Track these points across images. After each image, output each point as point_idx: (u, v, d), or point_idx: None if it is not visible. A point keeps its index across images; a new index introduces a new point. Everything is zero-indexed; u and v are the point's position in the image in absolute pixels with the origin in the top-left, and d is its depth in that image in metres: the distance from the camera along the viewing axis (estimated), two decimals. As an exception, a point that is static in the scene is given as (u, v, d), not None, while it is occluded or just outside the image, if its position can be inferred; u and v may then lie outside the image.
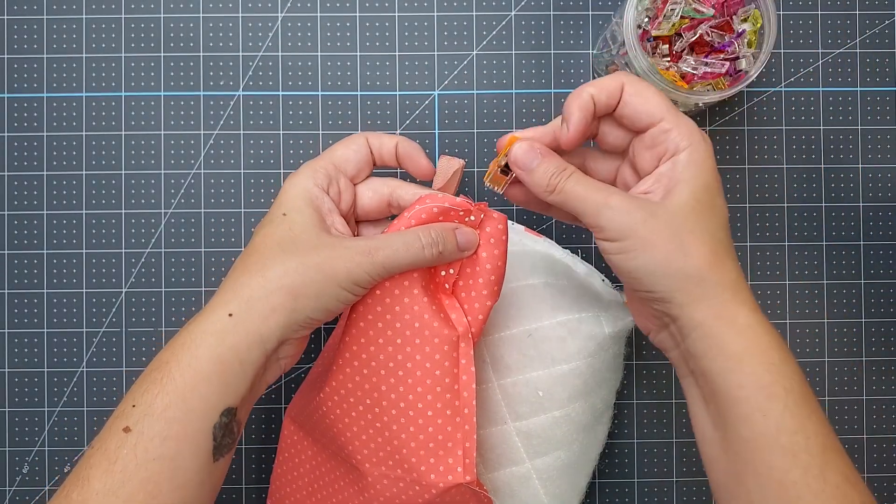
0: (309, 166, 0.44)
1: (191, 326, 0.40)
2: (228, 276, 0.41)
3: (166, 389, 0.38)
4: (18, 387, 0.53)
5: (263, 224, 0.43)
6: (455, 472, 0.42)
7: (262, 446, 0.54)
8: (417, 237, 0.41)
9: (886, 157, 0.54)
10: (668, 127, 0.39)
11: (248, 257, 0.41)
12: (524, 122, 0.54)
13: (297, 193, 0.43)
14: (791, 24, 0.54)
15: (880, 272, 0.54)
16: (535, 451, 0.48)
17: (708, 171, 0.39)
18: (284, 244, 0.41)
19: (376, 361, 0.43)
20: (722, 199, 0.40)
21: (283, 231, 0.42)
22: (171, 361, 0.39)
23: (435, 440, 0.42)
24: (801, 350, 0.54)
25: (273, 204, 0.44)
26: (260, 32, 0.54)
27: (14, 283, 0.53)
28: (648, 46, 0.47)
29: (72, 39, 0.54)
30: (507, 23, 0.54)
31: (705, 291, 0.38)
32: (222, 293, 0.40)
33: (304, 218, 0.42)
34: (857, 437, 0.54)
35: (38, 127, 0.54)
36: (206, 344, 0.39)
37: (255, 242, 0.42)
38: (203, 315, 0.40)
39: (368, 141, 0.45)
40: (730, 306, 0.38)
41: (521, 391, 0.48)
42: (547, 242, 0.50)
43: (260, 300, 0.39)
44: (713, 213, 0.39)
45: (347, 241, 0.42)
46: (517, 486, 0.48)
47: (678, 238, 0.38)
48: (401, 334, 0.43)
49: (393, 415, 0.43)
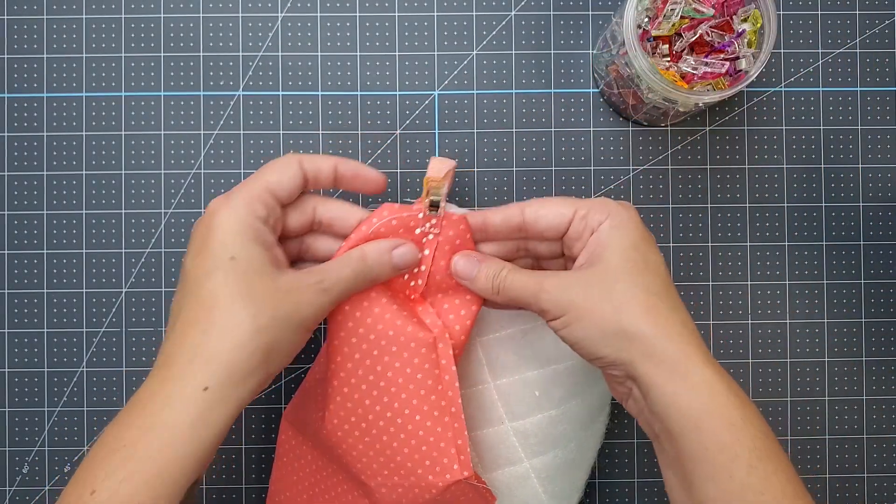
0: (243, 197, 0.40)
1: (156, 398, 0.36)
2: (180, 331, 0.37)
3: (133, 477, 0.35)
4: (18, 387, 0.53)
5: (208, 270, 0.38)
6: (452, 469, 0.42)
7: (262, 446, 0.54)
8: (364, 264, 0.42)
9: (886, 157, 0.54)
10: (583, 213, 0.41)
11: (207, 312, 0.37)
12: (524, 121, 0.54)
13: (239, 230, 0.39)
14: (791, 24, 0.54)
15: (880, 272, 0.54)
16: (532, 450, 0.48)
17: (633, 230, 0.40)
18: (245, 295, 0.37)
19: (360, 376, 0.43)
20: (656, 255, 0.40)
21: (237, 279, 0.38)
22: (138, 444, 0.35)
23: (427, 443, 0.43)
24: (801, 350, 0.54)
25: (201, 239, 0.39)
26: (260, 32, 0.54)
27: (14, 283, 0.53)
28: (648, 46, 0.47)
29: (72, 39, 0.54)
30: (507, 23, 0.54)
31: (650, 349, 0.38)
32: (184, 356, 0.37)
33: (256, 260, 0.39)
34: (857, 437, 0.54)
35: (38, 127, 0.54)
36: (182, 425, 0.35)
37: (205, 293, 0.38)
38: (169, 382, 0.36)
39: (302, 165, 0.42)
40: (680, 362, 0.37)
41: (518, 391, 0.48)
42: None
43: (237, 369, 0.37)
44: (646, 269, 0.39)
45: (302, 277, 0.40)
46: (516, 485, 0.48)
47: (612, 300, 0.39)
48: (376, 345, 0.43)
49: (381, 426, 0.43)
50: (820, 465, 0.54)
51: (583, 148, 0.54)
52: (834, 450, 0.54)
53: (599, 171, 0.54)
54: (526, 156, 0.54)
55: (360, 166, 0.43)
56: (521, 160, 0.54)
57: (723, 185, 0.54)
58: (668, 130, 0.54)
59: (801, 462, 0.54)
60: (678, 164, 0.54)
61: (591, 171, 0.54)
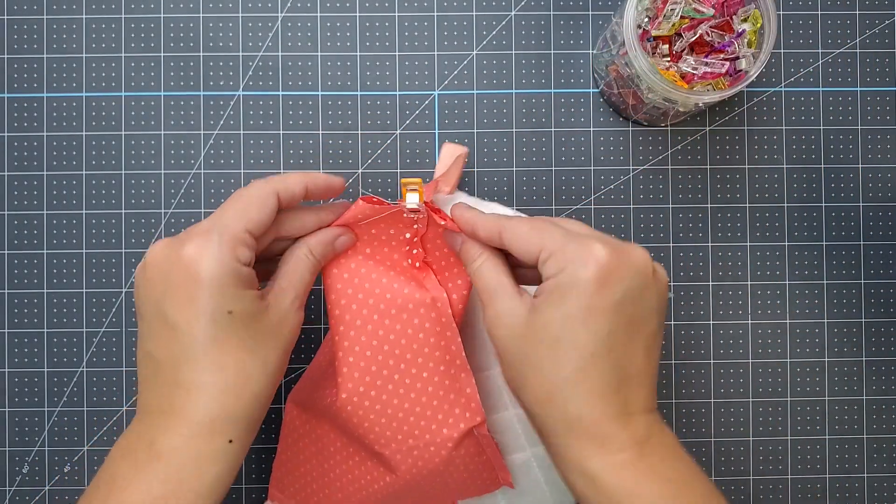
0: (226, 242, 0.37)
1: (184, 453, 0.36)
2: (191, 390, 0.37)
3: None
4: (18, 387, 0.53)
5: (205, 327, 0.37)
6: (464, 418, 0.43)
7: (262, 446, 0.54)
8: (315, 259, 0.42)
9: (886, 157, 0.54)
10: (545, 257, 0.37)
11: (220, 374, 0.37)
12: (524, 121, 0.54)
13: (230, 282, 0.37)
14: (791, 24, 0.54)
15: (880, 272, 0.54)
16: (535, 438, 0.48)
17: (574, 299, 0.36)
18: (251, 349, 0.38)
19: (364, 343, 0.44)
20: (588, 332, 0.36)
21: (240, 334, 0.37)
22: (170, 500, 0.36)
23: (437, 397, 0.43)
24: (801, 350, 0.54)
25: (185, 287, 0.37)
26: (260, 32, 0.54)
27: (14, 283, 0.53)
28: (648, 46, 0.47)
29: (72, 39, 0.54)
30: (507, 23, 0.54)
31: (542, 429, 0.38)
32: (205, 415, 0.36)
33: (250, 308, 0.38)
34: (857, 437, 0.54)
35: (38, 127, 0.54)
36: (212, 477, 0.37)
37: (213, 354, 0.37)
38: (194, 440, 0.36)
39: (279, 196, 0.40)
40: (571, 448, 0.36)
41: None
42: None
43: (256, 417, 0.38)
44: (564, 347, 0.36)
45: (281, 301, 0.40)
46: (518, 473, 0.49)
47: (518, 371, 0.38)
48: (376, 308, 0.44)
49: (390, 389, 0.44)
50: (820, 465, 0.54)
51: (583, 148, 0.54)
52: (834, 450, 0.54)
53: (599, 171, 0.54)
54: (526, 156, 0.54)
55: (328, 179, 0.43)
56: (521, 160, 0.54)
57: (723, 185, 0.54)
58: (668, 130, 0.54)
59: (801, 462, 0.54)
60: (678, 164, 0.54)
61: (591, 171, 0.54)
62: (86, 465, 0.53)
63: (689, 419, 0.54)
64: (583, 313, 0.36)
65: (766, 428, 0.54)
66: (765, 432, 0.54)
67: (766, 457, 0.54)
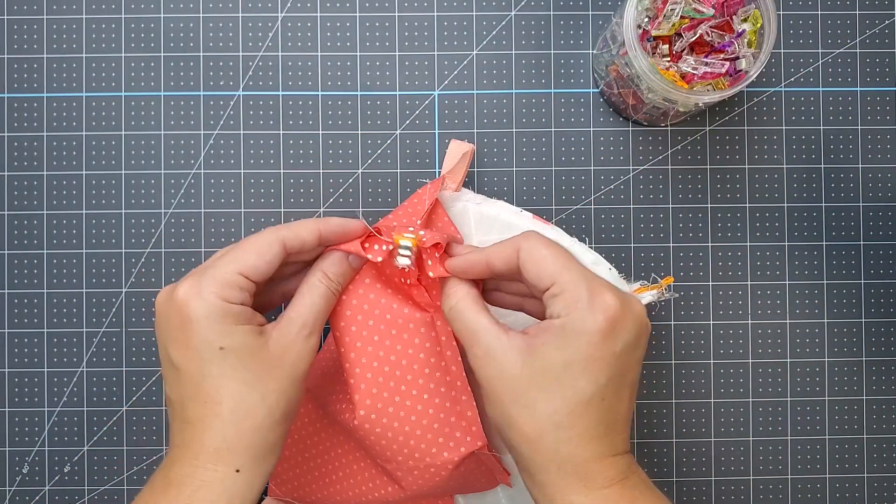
0: (214, 287, 0.39)
1: (191, 480, 0.38)
2: (195, 424, 0.38)
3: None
4: (18, 387, 0.53)
5: (201, 365, 0.38)
6: (465, 442, 0.43)
7: (262, 446, 0.54)
8: (330, 282, 0.42)
9: (886, 157, 0.54)
10: (555, 292, 0.38)
11: (217, 407, 0.38)
12: (524, 122, 0.54)
13: (218, 320, 0.38)
14: (791, 24, 0.54)
15: (880, 272, 0.54)
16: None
17: (578, 348, 0.36)
18: (247, 381, 0.38)
19: (364, 364, 0.44)
20: (587, 380, 0.37)
21: (234, 367, 0.38)
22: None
23: (438, 420, 0.43)
24: (801, 350, 0.54)
25: (179, 329, 0.38)
26: (260, 32, 0.54)
27: (14, 283, 0.53)
28: (648, 46, 0.47)
29: (72, 39, 0.54)
30: (507, 23, 0.54)
31: (527, 466, 0.38)
32: (209, 447, 0.38)
33: (243, 341, 0.39)
34: (857, 437, 0.54)
35: (38, 127, 0.54)
36: (221, 502, 0.38)
37: (208, 389, 0.38)
38: (200, 469, 0.38)
39: (285, 245, 0.41)
40: (556, 485, 0.37)
41: None
42: (555, 231, 0.51)
43: (261, 449, 0.39)
44: (561, 391, 0.37)
45: (286, 332, 0.40)
46: (516, 471, 0.49)
47: (507, 410, 0.38)
48: (376, 329, 0.43)
49: (390, 412, 0.43)
50: (820, 465, 0.54)
51: (583, 148, 0.54)
52: (834, 450, 0.54)
53: (599, 171, 0.54)
54: (526, 156, 0.54)
55: (342, 224, 0.42)
56: (521, 160, 0.54)
57: (723, 185, 0.54)
58: (668, 130, 0.54)
59: (801, 462, 0.54)
60: (678, 164, 0.54)
61: (591, 171, 0.54)
62: (86, 465, 0.53)
63: (689, 419, 0.54)
64: (585, 361, 0.36)
65: (766, 428, 0.54)
66: (765, 432, 0.54)
67: (766, 457, 0.54)
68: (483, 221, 0.50)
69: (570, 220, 0.54)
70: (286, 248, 0.41)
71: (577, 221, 0.54)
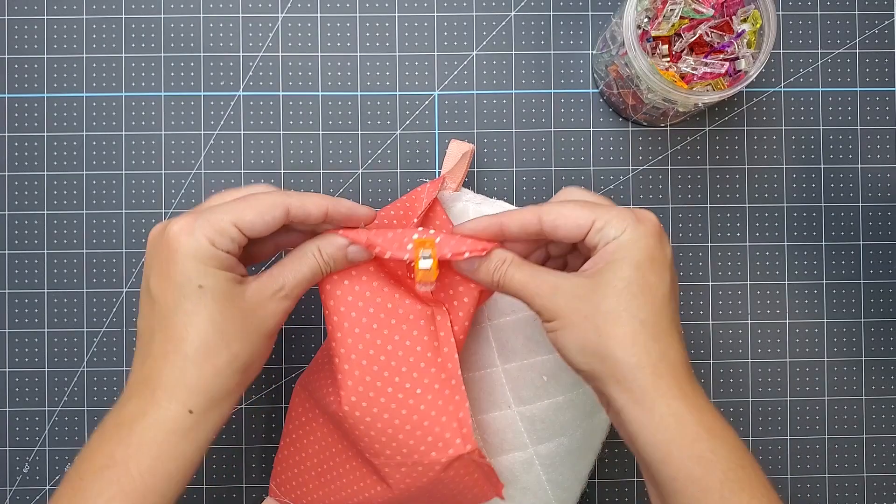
0: (207, 230, 0.39)
1: (144, 419, 0.38)
2: (158, 357, 0.39)
3: (126, 494, 0.37)
4: (18, 387, 0.53)
5: (177, 299, 0.39)
6: (454, 444, 0.42)
7: (262, 446, 0.54)
8: (321, 260, 0.42)
9: (886, 157, 0.54)
10: (600, 225, 0.39)
11: (182, 343, 0.38)
12: (524, 122, 0.54)
13: (203, 260, 0.39)
14: (791, 24, 0.54)
15: (880, 272, 0.54)
16: (538, 436, 0.49)
17: (641, 249, 0.39)
18: (217, 323, 0.39)
19: (361, 351, 0.43)
20: (658, 278, 0.39)
21: (207, 307, 0.39)
22: (129, 462, 0.37)
23: (428, 417, 0.43)
24: (801, 350, 0.54)
25: (164, 262, 0.39)
26: (260, 32, 0.54)
27: (14, 283, 0.53)
28: (648, 47, 0.47)
29: (72, 39, 0.54)
30: (507, 23, 0.54)
31: (621, 375, 0.38)
32: (166, 383, 0.38)
33: (222, 286, 0.39)
34: (856, 437, 0.54)
35: (38, 127, 0.54)
36: (170, 444, 0.38)
37: (178, 323, 0.39)
38: (153, 406, 0.38)
39: (289, 211, 0.41)
40: (647, 394, 0.38)
41: (526, 375, 0.49)
42: None
43: (217, 393, 0.39)
44: (640, 292, 0.38)
45: (264, 288, 0.41)
46: (520, 471, 0.49)
47: (596, 318, 0.39)
48: (376, 318, 0.43)
49: (382, 402, 0.43)
50: (820, 465, 0.54)
51: (583, 148, 0.54)
52: (834, 450, 0.54)
53: (599, 171, 0.54)
54: (526, 156, 0.54)
55: (353, 208, 0.42)
56: (521, 160, 0.54)
57: (722, 185, 0.54)
58: (667, 130, 0.54)
59: (800, 462, 0.54)
60: (678, 164, 0.54)
61: (590, 171, 0.54)
62: (86, 464, 0.53)
63: (689, 419, 0.54)
64: (650, 262, 0.39)
65: (765, 427, 0.54)
66: (764, 432, 0.54)
67: (766, 456, 0.54)
68: None
69: (569, 220, 0.54)
70: (289, 215, 0.41)
71: (576, 221, 0.54)
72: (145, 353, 0.39)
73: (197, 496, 0.53)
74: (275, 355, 0.54)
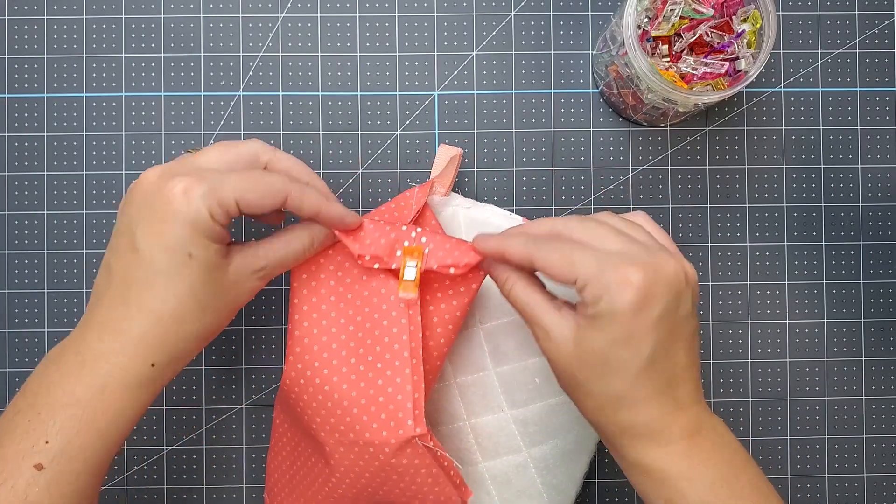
0: (209, 201, 0.39)
1: (107, 361, 0.39)
2: (132, 305, 0.39)
3: (87, 431, 0.39)
4: (19, 386, 0.53)
5: (164, 259, 0.39)
6: (405, 425, 0.42)
7: (262, 446, 0.54)
8: (302, 249, 0.43)
9: (886, 157, 0.54)
10: (581, 286, 0.38)
11: (161, 304, 0.39)
12: (524, 121, 0.54)
13: (198, 230, 0.39)
14: (791, 24, 0.54)
15: (880, 272, 0.54)
16: (531, 439, 0.49)
17: (616, 325, 0.37)
18: (197, 292, 0.40)
19: (323, 327, 0.44)
20: (632, 351, 0.37)
21: (194, 278, 0.40)
22: (95, 406, 0.39)
23: (385, 394, 0.43)
24: (801, 350, 0.54)
25: (160, 215, 0.39)
26: (260, 32, 0.54)
27: (14, 283, 0.53)
28: (648, 47, 0.47)
29: (72, 39, 0.54)
30: (507, 23, 0.54)
31: (602, 434, 0.41)
32: (133, 332, 0.39)
33: (210, 258, 0.40)
34: (856, 437, 0.54)
35: (38, 127, 0.54)
36: (131, 392, 0.40)
37: (160, 283, 0.39)
38: (118, 354, 0.39)
39: (288, 199, 0.41)
40: (627, 447, 0.39)
41: (519, 378, 0.49)
42: None
43: (180, 354, 0.41)
44: (612, 371, 0.38)
45: (246, 265, 0.42)
46: (514, 474, 0.49)
47: (572, 380, 0.40)
48: (343, 297, 0.44)
49: (343, 372, 0.43)
50: (820, 465, 0.54)
51: (583, 148, 0.54)
52: (834, 450, 0.54)
53: (599, 171, 0.54)
54: (526, 156, 0.54)
55: (343, 215, 0.43)
56: (521, 160, 0.54)
57: (722, 185, 0.54)
58: (667, 130, 0.54)
59: (800, 462, 0.54)
60: (678, 164, 0.54)
61: (590, 171, 0.54)
62: (86, 464, 0.53)
63: (689, 419, 0.54)
64: (626, 338, 0.37)
65: (765, 428, 0.54)
66: (764, 432, 0.54)
67: (766, 456, 0.54)
68: (473, 225, 0.50)
69: (569, 220, 0.54)
70: (286, 204, 0.41)
71: (576, 221, 0.54)
72: (118, 297, 0.40)
73: (197, 496, 0.53)
74: (275, 356, 0.54)
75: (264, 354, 0.54)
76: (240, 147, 0.42)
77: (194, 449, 0.54)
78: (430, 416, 0.50)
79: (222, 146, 0.42)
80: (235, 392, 0.54)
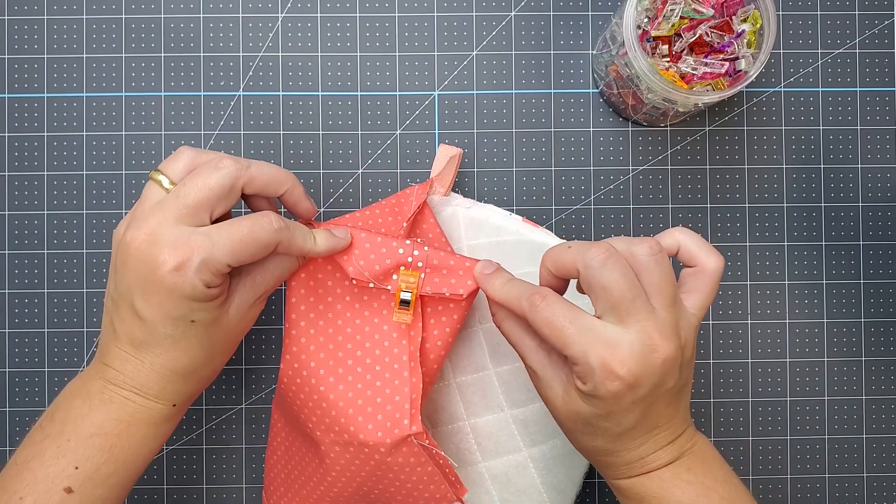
0: (208, 270, 0.39)
1: (133, 411, 0.41)
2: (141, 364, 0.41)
3: (114, 461, 0.41)
4: (18, 387, 0.53)
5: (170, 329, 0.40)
6: (401, 424, 0.42)
7: (262, 446, 0.54)
8: (296, 264, 0.45)
9: (886, 157, 0.54)
10: (572, 363, 0.39)
11: (174, 364, 0.41)
12: (524, 122, 0.54)
13: (198, 297, 0.40)
14: (791, 24, 0.54)
15: (879, 272, 0.54)
16: (531, 439, 0.49)
17: (600, 406, 0.38)
18: (207, 348, 0.42)
19: (320, 327, 0.45)
20: (612, 422, 0.39)
21: (200, 338, 0.41)
22: (122, 438, 0.41)
23: (382, 394, 0.43)
24: (801, 350, 0.54)
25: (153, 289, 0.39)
26: (260, 32, 0.54)
27: (14, 283, 0.53)
28: (648, 47, 0.47)
29: (72, 39, 0.54)
30: (507, 23, 0.54)
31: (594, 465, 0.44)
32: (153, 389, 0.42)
33: (213, 316, 0.41)
34: (856, 437, 0.54)
35: (38, 127, 0.54)
36: (156, 428, 0.42)
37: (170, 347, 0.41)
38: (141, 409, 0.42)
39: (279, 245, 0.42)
40: (612, 481, 0.43)
41: (519, 378, 0.49)
42: (544, 232, 0.51)
43: (196, 392, 0.44)
44: (595, 434, 0.40)
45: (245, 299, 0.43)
46: (514, 474, 0.49)
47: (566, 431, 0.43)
48: (341, 298, 0.45)
49: (340, 373, 0.44)
50: (820, 465, 0.54)
51: (583, 148, 0.54)
52: (834, 450, 0.54)
53: (599, 171, 0.54)
54: (526, 156, 0.54)
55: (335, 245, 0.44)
56: (521, 160, 0.54)
57: (722, 185, 0.54)
58: (667, 130, 0.54)
59: (800, 462, 0.54)
60: (678, 164, 0.54)
61: (590, 171, 0.54)
62: (86, 464, 0.53)
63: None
64: (609, 415, 0.39)
65: (765, 428, 0.54)
66: (764, 432, 0.54)
67: (765, 457, 0.54)
68: (472, 225, 0.50)
69: (569, 220, 0.54)
70: (277, 249, 0.42)
71: (576, 222, 0.54)
72: (130, 353, 0.41)
73: (197, 496, 0.53)
74: (274, 356, 0.54)
75: (264, 354, 0.54)
76: (213, 179, 0.40)
77: (194, 449, 0.54)
78: (430, 415, 0.50)
79: (198, 180, 0.40)
80: (235, 392, 0.54)
